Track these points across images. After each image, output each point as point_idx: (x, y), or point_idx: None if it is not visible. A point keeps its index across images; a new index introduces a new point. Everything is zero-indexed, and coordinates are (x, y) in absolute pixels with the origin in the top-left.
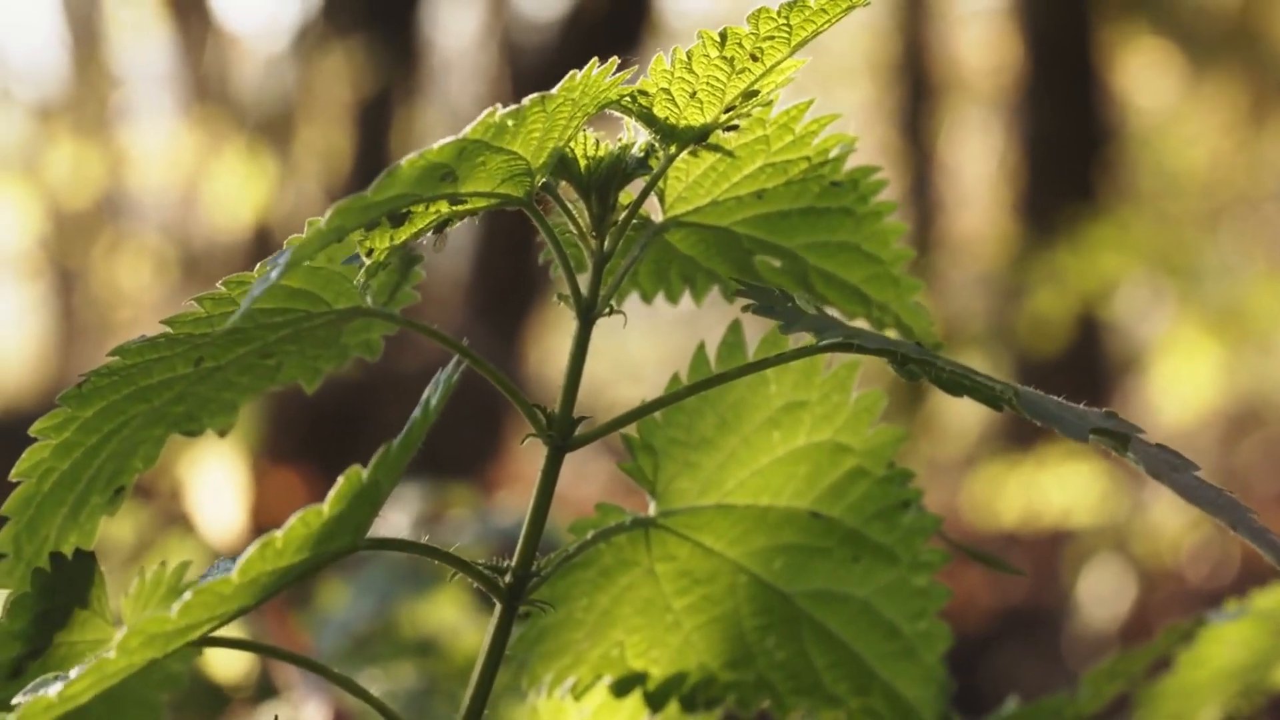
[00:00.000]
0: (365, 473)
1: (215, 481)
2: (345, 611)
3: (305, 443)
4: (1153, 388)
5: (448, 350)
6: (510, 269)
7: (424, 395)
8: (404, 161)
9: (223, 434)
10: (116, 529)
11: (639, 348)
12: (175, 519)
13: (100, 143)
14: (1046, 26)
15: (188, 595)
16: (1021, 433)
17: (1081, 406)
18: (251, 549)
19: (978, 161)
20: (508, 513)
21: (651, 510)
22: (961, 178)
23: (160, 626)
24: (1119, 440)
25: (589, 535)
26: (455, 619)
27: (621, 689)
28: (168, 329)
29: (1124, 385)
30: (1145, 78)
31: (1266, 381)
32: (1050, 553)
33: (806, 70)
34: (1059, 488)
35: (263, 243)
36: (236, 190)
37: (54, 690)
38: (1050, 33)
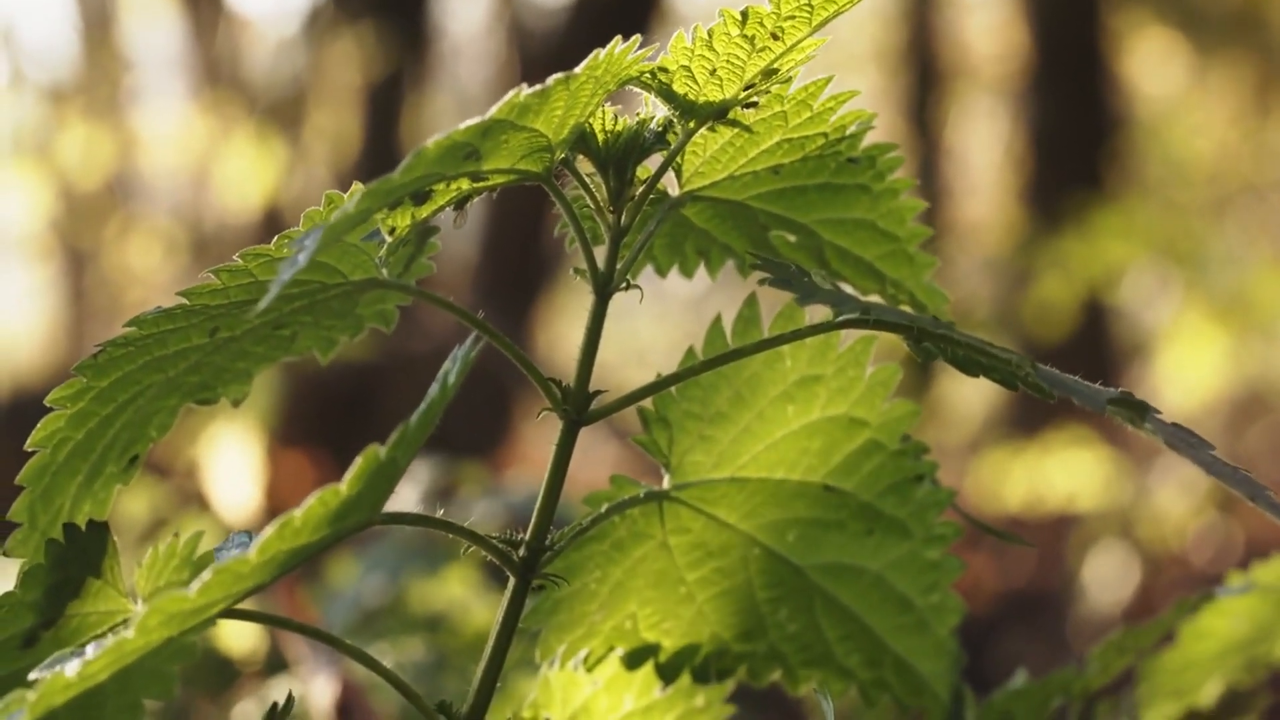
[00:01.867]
0: (383, 450)
1: (230, 461)
2: (355, 587)
3: (315, 425)
4: (1158, 374)
5: (461, 328)
6: (519, 253)
7: (441, 371)
8: (430, 142)
9: (236, 404)
10: (132, 506)
11: (647, 332)
12: (190, 498)
13: (111, 125)
14: (1053, 14)
15: (207, 574)
16: (1026, 418)
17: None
18: (270, 528)
19: (984, 148)
20: (519, 489)
21: (665, 483)
22: (968, 164)
23: (179, 605)
24: (1136, 412)
25: (603, 508)
26: (464, 596)
27: (634, 661)
28: (184, 300)
29: (1129, 372)
30: (1151, 65)
31: (1272, 368)
32: (1055, 537)
33: (814, 58)
34: (1063, 473)
35: (272, 225)
36: (246, 173)
37: (72, 668)
38: (1057, 20)
